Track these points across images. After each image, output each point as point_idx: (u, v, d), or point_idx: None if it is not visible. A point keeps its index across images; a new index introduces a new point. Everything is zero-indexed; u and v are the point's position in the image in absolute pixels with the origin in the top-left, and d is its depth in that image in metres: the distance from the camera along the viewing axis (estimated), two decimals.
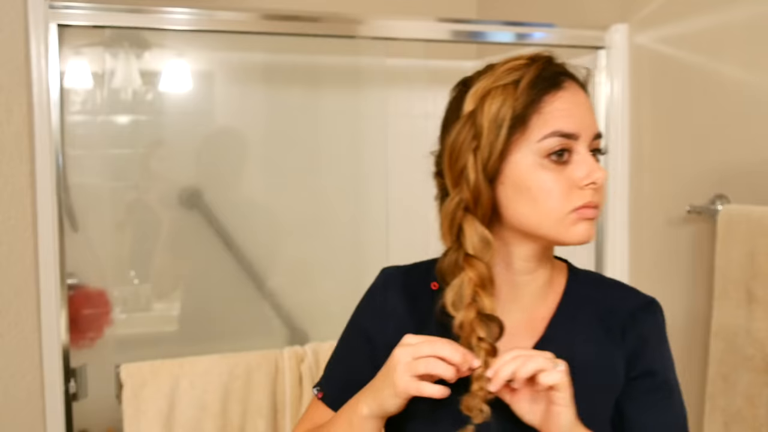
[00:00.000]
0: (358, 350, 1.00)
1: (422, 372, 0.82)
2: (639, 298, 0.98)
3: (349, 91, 2.17)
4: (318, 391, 1.02)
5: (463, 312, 0.87)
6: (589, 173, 0.86)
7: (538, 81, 0.87)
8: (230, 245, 2.03)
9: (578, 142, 0.87)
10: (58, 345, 1.56)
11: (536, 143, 0.86)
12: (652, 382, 0.94)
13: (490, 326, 0.87)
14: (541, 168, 0.86)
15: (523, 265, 0.93)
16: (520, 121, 0.86)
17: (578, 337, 0.94)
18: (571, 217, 0.87)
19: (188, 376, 1.74)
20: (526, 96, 0.86)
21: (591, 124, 0.89)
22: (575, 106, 0.87)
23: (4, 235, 1.52)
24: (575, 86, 0.90)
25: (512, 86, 0.86)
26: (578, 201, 0.86)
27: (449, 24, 1.75)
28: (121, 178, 1.99)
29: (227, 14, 1.61)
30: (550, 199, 0.86)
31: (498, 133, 0.86)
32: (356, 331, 1.02)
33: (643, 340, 0.95)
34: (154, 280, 2.05)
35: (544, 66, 0.88)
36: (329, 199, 2.16)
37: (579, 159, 0.87)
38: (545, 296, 0.96)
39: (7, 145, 1.51)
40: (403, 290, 0.99)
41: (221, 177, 2.08)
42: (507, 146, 0.86)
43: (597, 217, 0.88)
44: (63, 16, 1.50)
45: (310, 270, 2.07)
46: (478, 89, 0.88)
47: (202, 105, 2.09)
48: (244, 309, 2.09)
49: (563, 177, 0.86)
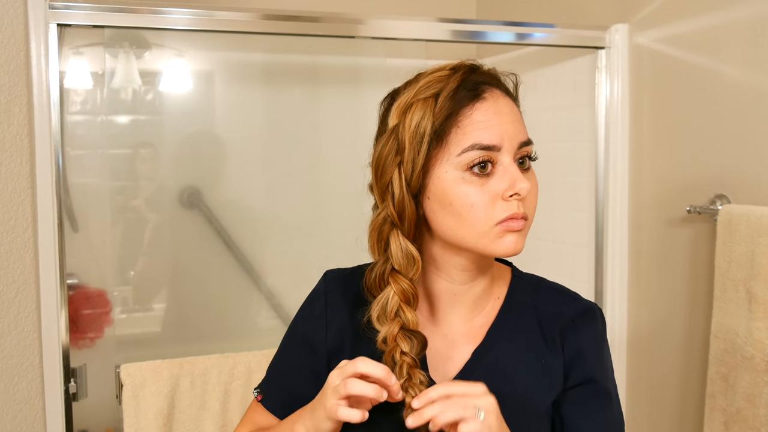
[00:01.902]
0: (298, 355, 1.00)
1: (346, 393, 0.82)
2: (579, 304, 0.98)
3: (349, 91, 2.17)
4: (258, 394, 1.03)
5: (387, 326, 0.88)
6: (512, 185, 0.85)
7: (456, 93, 0.86)
8: (230, 245, 2.03)
9: (501, 152, 0.85)
10: (58, 345, 1.56)
11: (456, 157, 0.85)
12: (593, 390, 0.94)
13: (413, 341, 0.87)
14: (462, 182, 0.85)
15: (460, 275, 0.93)
16: (439, 135, 0.85)
17: (517, 344, 0.95)
18: (496, 230, 0.86)
19: (188, 376, 1.74)
20: (445, 109, 0.85)
21: (515, 133, 0.86)
22: (496, 116, 0.86)
23: (4, 235, 1.52)
24: (498, 95, 0.88)
25: (432, 99, 0.86)
26: (502, 213, 0.85)
27: (449, 24, 1.75)
28: (121, 178, 1.99)
29: (227, 14, 1.61)
30: (473, 213, 0.85)
31: (419, 147, 0.85)
32: (297, 336, 1.02)
33: (583, 347, 0.95)
34: (154, 280, 2.05)
35: (464, 76, 0.87)
36: (329, 199, 2.16)
37: (502, 170, 0.85)
38: (485, 303, 0.97)
39: (7, 145, 1.51)
40: (343, 295, 0.99)
41: (221, 177, 2.08)
42: (428, 161, 0.86)
43: (525, 228, 0.87)
44: (63, 16, 1.50)
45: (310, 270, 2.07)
46: (401, 103, 0.87)
47: (202, 105, 2.09)
48: (244, 309, 2.09)
49: (486, 189, 0.85)
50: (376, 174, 0.89)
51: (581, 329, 0.96)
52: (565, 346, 0.95)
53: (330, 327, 0.98)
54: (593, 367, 0.95)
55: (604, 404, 0.95)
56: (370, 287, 0.92)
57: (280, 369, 1.03)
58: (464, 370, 0.93)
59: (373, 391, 0.81)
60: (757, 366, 1.43)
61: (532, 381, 0.93)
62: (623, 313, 1.90)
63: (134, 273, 2.01)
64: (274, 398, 1.01)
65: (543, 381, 0.93)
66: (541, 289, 1.00)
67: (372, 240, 0.91)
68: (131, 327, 2.01)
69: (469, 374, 0.92)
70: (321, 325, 0.99)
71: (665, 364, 1.79)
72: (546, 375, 0.93)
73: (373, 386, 0.82)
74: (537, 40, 1.86)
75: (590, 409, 0.94)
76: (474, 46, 2.52)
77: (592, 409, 0.94)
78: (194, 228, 2.01)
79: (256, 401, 1.03)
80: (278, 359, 1.04)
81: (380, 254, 0.91)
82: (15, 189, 1.53)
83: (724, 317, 1.52)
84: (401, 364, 0.86)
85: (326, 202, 2.16)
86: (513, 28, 1.83)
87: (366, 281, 0.93)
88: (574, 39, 1.86)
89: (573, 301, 0.99)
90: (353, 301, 0.98)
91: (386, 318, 0.89)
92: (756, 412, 1.44)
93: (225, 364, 1.78)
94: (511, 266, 1.03)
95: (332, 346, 0.98)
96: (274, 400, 1.01)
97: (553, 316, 0.96)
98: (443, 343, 0.95)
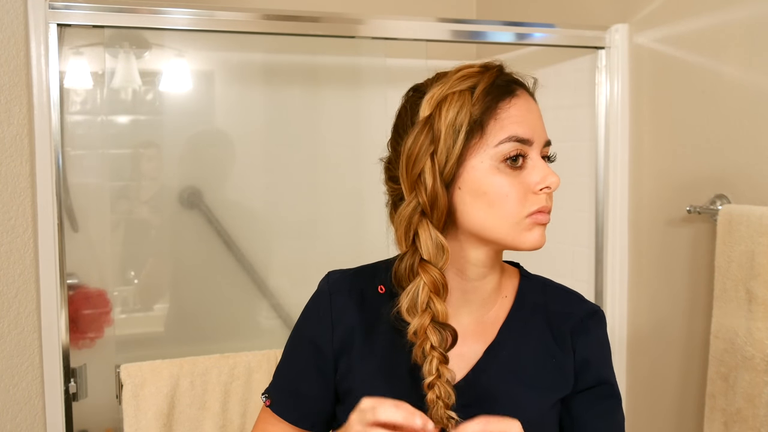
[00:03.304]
0: (304, 357, 1.00)
1: None
2: (586, 305, 1.00)
3: (349, 91, 2.17)
4: (266, 399, 1.02)
5: (417, 318, 0.88)
6: (544, 178, 0.88)
7: (492, 88, 0.88)
8: (230, 245, 2.03)
9: (532, 147, 0.89)
10: (58, 345, 1.56)
11: (493, 148, 0.87)
12: (608, 391, 0.97)
13: (443, 334, 0.87)
14: (497, 172, 0.87)
15: (474, 271, 0.94)
16: (477, 126, 0.87)
17: (528, 342, 0.96)
18: (526, 222, 0.88)
19: (188, 376, 1.74)
20: (482, 102, 0.87)
21: (542, 132, 0.91)
22: (528, 113, 0.90)
23: (4, 235, 1.52)
24: (526, 94, 0.92)
25: (468, 92, 0.88)
26: (533, 205, 0.88)
27: (449, 24, 1.75)
28: (121, 178, 1.99)
29: (227, 14, 1.61)
30: (506, 203, 0.87)
31: (456, 137, 0.87)
32: (302, 338, 1.02)
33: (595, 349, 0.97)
34: (154, 280, 2.05)
35: (497, 74, 0.90)
36: (329, 199, 2.16)
37: (533, 164, 0.89)
38: (494, 301, 0.97)
39: (7, 145, 1.51)
40: (349, 295, 0.99)
41: (221, 177, 2.08)
42: (464, 151, 0.87)
43: (548, 222, 0.90)
44: (63, 16, 1.50)
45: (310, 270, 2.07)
46: (434, 95, 0.88)
47: (202, 105, 2.09)
48: (244, 309, 2.09)
49: (518, 182, 0.88)
50: (407, 164, 0.89)
51: (592, 331, 0.97)
52: (576, 346, 0.96)
53: (336, 327, 0.98)
54: (606, 370, 0.97)
55: (617, 405, 0.97)
56: (400, 279, 0.91)
57: (286, 372, 1.03)
58: (477, 367, 0.94)
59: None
60: (757, 366, 1.43)
61: (542, 379, 0.94)
62: (623, 313, 1.90)
63: (134, 273, 2.01)
64: (283, 402, 1.01)
65: (553, 379, 0.94)
66: (550, 290, 1.01)
67: (400, 231, 0.90)
68: (131, 327, 2.01)
69: (482, 371, 0.93)
70: (326, 325, 0.99)
71: (665, 364, 1.79)
72: (556, 373, 0.94)
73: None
74: (537, 40, 1.86)
75: (605, 410, 0.96)
76: (474, 46, 2.52)
77: (606, 410, 0.96)
78: (194, 228, 2.01)
79: (265, 407, 1.03)
80: (284, 363, 1.04)
81: (408, 246, 0.90)
82: (15, 189, 1.53)
83: (724, 317, 1.52)
84: (431, 359, 0.86)
85: (326, 202, 2.16)
86: (513, 28, 1.84)
87: (395, 273, 0.92)
88: (574, 39, 1.86)
89: (581, 302, 1.01)
90: (359, 300, 0.98)
91: (416, 310, 0.88)
92: (756, 412, 1.43)
93: (225, 364, 1.78)
94: (519, 267, 1.03)
95: (338, 346, 0.98)
96: (282, 405, 1.01)
97: (563, 316, 0.97)
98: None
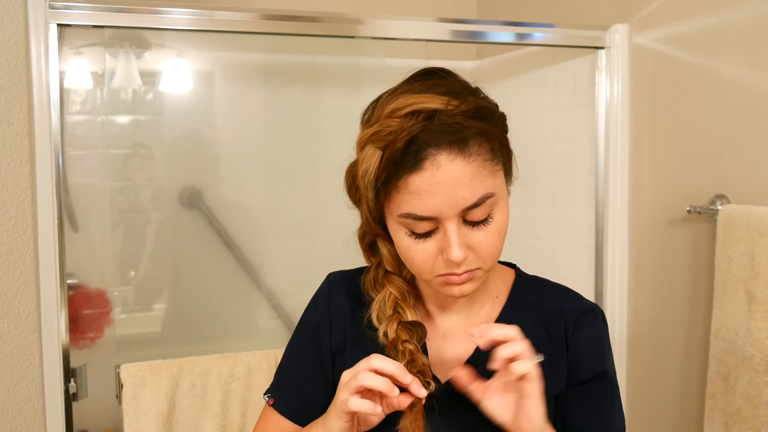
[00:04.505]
0: (305, 355, 1.01)
1: (357, 386, 0.82)
2: (582, 303, 0.99)
3: (349, 91, 2.17)
4: (269, 398, 1.03)
5: (385, 323, 0.91)
6: (447, 252, 0.83)
7: (399, 157, 0.81)
8: (230, 245, 2.03)
9: (442, 219, 0.83)
10: (58, 345, 1.56)
11: (396, 215, 0.85)
12: (606, 384, 0.96)
13: (413, 330, 0.90)
14: (405, 235, 0.86)
15: None
16: (383, 189, 0.84)
17: None
18: (438, 280, 0.87)
19: (188, 376, 1.74)
20: (387, 170, 0.82)
21: (456, 201, 0.81)
22: (433, 186, 0.80)
23: (4, 235, 1.52)
24: (441, 160, 0.80)
25: (380, 152, 0.83)
26: (443, 269, 0.85)
27: (449, 24, 1.75)
28: (121, 178, 1.99)
29: (227, 14, 1.61)
30: (414, 264, 0.87)
31: (368, 189, 0.86)
32: (302, 336, 1.03)
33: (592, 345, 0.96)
34: (154, 280, 2.05)
35: (414, 132, 0.81)
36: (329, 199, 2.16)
37: (442, 233, 0.84)
38: (484, 302, 0.98)
39: (7, 145, 1.51)
40: (347, 295, 1.01)
41: (221, 177, 2.08)
42: (379, 203, 0.87)
43: (475, 277, 0.86)
44: (63, 16, 1.50)
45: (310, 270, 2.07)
46: (363, 137, 0.87)
47: (202, 105, 2.09)
48: (244, 309, 2.09)
49: (424, 248, 0.85)
50: (349, 187, 0.93)
51: (587, 327, 0.96)
52: (571, 343, 0.95)
53: (333, 326, 1.00)
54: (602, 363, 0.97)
55: (613, 397, 0.97)
56: (367, 290, 0.95)
57: (288, 371, 1.04)
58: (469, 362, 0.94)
59: (384, 384, 0.81)
60: (757, 366, 1.43)
61: None
62: (623, 313, 1.90)
63: (134, 273, 2.01)
64: (286, 400, 1.01)
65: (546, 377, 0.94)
66: (546, 289, 1.01)
67: (361, 247, 0.94)
68: (131, 327, 2.01)
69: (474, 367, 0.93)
70: (325, 324, 1.00)
71: (665, 364, 1.79)
72: (550, 371, 0.94)
73: (384, 379, 0.81)
74: (537, 40, 1.86)
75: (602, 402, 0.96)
76: (474, 46, 2.52)
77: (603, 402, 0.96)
78: (194, 228, 2.01)
79: (268, 406, 1.03)
80: (285, 361, 1.05)
81: (371, 259, 0.95)
82: (15, 189, 1.53)
83: (724, 317, 1.52)
84: (403, 350, 0.88)
85: (326, 202, 2.16)
86: (513, 28, 1.83)
87: (362, 285, 0.95)
88: (574, 39, 1.86)
89: (577, 300, 1.00)
90: (355, 301, 1.00)
91: (384, 317, 0.92)
92: (756, 412, 1.43)
93: (225, 364, 1.78)
94: (515, 267, 1.03)
95: (335, 344, 0.99)
96: (285, 403, 1.01)
97: (557, 313, 0.97)
98: (443, 342, 0.96)
